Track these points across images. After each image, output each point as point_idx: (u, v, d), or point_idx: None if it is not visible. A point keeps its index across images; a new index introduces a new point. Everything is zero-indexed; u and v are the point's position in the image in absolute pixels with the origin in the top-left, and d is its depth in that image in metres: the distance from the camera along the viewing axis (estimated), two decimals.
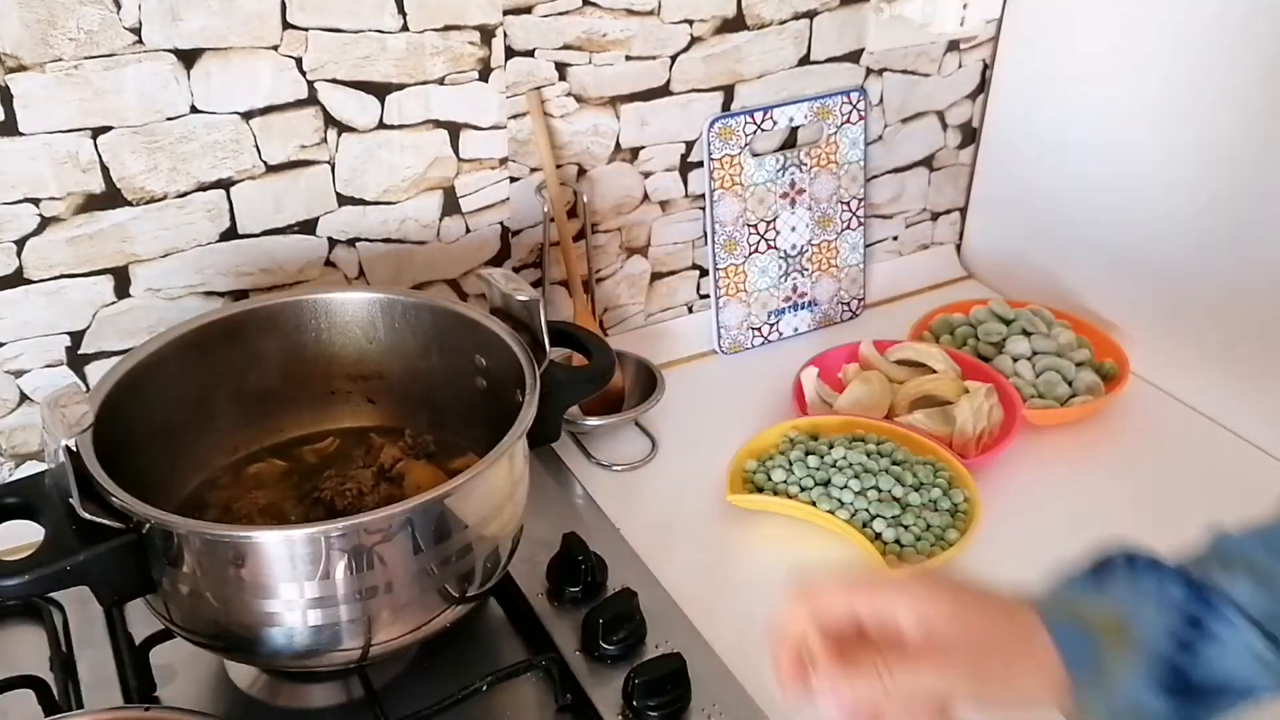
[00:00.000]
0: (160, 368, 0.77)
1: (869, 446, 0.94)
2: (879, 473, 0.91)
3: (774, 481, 0.92)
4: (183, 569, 0.64)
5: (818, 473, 0.92)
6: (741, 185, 1.09)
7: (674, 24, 1.00)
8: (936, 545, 0.87)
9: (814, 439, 0.96)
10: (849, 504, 0.90)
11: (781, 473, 0.92)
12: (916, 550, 0.86)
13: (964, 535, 0.87)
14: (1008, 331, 1.10)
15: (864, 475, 0.91)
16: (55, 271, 0.85)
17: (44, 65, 0.78)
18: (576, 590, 0.81)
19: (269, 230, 0.91)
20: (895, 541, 0.87)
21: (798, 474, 0.92)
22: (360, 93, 0.89)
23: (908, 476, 0.91)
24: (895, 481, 0.90)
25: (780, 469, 0.93)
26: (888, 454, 0.94)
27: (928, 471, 0.92)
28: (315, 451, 0.86)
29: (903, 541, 0.87)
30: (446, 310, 0.83)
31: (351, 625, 0.66)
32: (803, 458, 0.93)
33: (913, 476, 0.91)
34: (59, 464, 0.64)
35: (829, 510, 0.89)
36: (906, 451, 0.94)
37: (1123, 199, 1.09)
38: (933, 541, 0.87)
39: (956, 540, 0.87)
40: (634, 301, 1.14)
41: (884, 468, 0.92)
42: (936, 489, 0.91)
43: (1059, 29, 1.12)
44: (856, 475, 0.91)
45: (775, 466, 0.93)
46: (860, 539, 0.87)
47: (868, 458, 0.93)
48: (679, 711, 0.73)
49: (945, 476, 0.92)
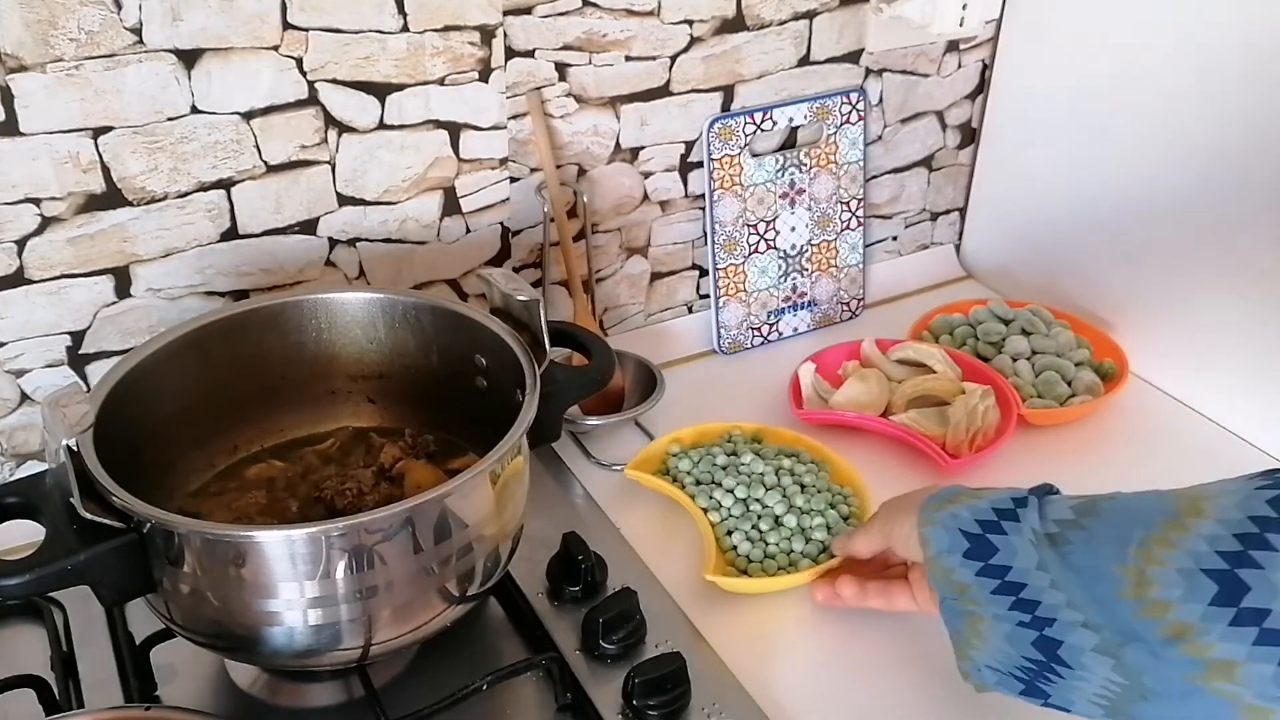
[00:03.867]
0: (161, 368, 0.77)
1: (785, 462, 0.93)
2: (772, 487, 0.90)
3: (680, 470, 0.93)
4: (183, 568, 0.65)
5: (720, 472, 0.92)
6: (741, 185, 1.10)
7: (674, 24, 1.01)
8: (783, 570, 0.85)
9: (754, 441, 0.97)
10: (724, 508, 0.89)
11: (689, 463, 0.93)
12: (763, 569, 0.85)
13: (817, 568, 0.84)
14: (1007, 331, 1.10)
15: (754, 485, 0.90)
16: (56, 271, 0.85)
17: (45, 65, 0.78)
18: (576, 590, 0.81)
19: (269, 230, 0.91)
20: (745, 555, 0.86)
21: (702, 467, 0.93)
22: (360, 93, 0.90)
23: (799, 499, 0.89)
24: (783, 500, 0.89)
25: (689, 459, 0.94)
26: (799, 475, 0.92)
27: (825, 501, 0.90)
28: (315, 451, 0.86)
29: (751, 557, 0.86)
30: (446, 310, 0.83)
31: (352, 625, 0.66)
32: (717, 455, 0.94)
33: (805, 501, 0.89)
34: (60, 463, 0.64)
35: (703, 507, 0.89)
36: (825, 479, 0.93)
37: (1123, 199, 1.09)
38: (781, 565, 0.85)
39: (805, 570, 0.84)
40: (634, 301, 1.14)
41: (782, 485, 0.91)
42: (820, 519, 0.88)
43: (1059, 29, 1.12)
44: (748, 484, 0.90)
45: (689, 454, 0.94)
46: (710, 541, 0.86)
47: (774, 473, 0.92)
48: (679, 711, 0.73)
49: (843, 513, 0.90)
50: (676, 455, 0.94)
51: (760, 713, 0.74)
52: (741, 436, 0.97)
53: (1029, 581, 0.63)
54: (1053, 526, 0.64)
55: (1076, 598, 0.61)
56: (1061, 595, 0.62)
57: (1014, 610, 0.64)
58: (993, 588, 0.65)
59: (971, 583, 0.66)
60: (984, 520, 0.66)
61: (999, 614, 0.65)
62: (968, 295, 1.22)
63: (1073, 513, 0.64)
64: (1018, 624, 0.64)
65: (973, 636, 0.67)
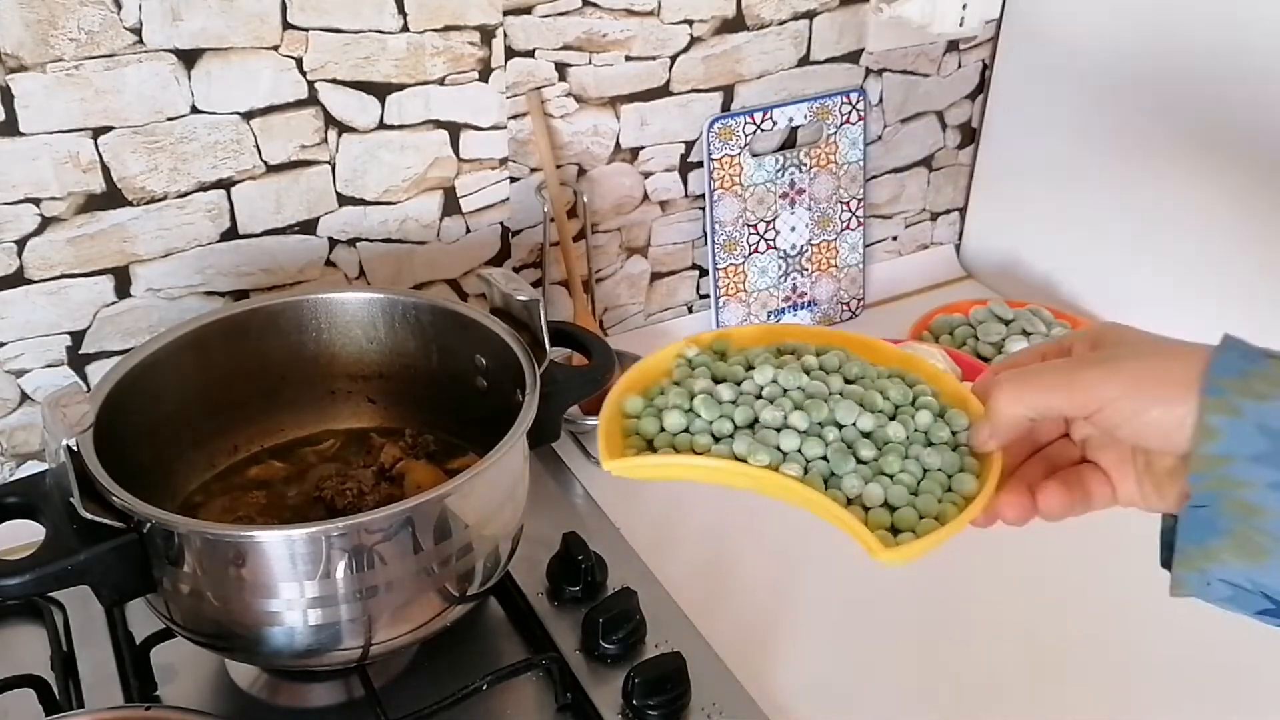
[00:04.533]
0: (161, 368, 0.77)
1: (808, 360, 0.60)
2: (832, 398, 0.57)
3: (669, 431, 0.57)
4: (183, 568, 0.65)
5: (738, 409, 0.57)
6: (741, 185, 1.10)
7: (674, 24, 1.01)
8: (946, 500, 0.55)
9: (722, 358, 0.62)
10: (795, 452, 0.55)
11: (679, 415, 0.57)
12: (917, 510, 0.54)
13: (984, 479, 0.55)
14: (1007, 332, 1.10)
15: (811, 404, 0.56)
16: (56, 271, 0.85)
17: (45, 65, 0.78)
18: (576, 590, 0.81)
19: (269, 230, 0.91)
20: (884, 504, 0.54)
21: (706, 416, 0.57)
22: (360, 93, 0.90)
23: (876, 399, 0.58)
24: (861, 409, 0.57)
25: (676, 410, 0.57)
26: (833, 368, 0.60)
27: (901, 390, 0.59)
28: (315, 451, 0.86)
29: (893, 501, 0.54)
30: (446, 310, 0.83)
31: (352, 625, 0.66)
32: (709, 390, 0.58)
33: (883, 399, 0.58)
34: (60, 463, 0.64)
35: (768, 465, 0.54)
36: (863, 362, 0.61)
37: (1123, 199, 1.09)
38: (940, 495, 0.55)
39: (975, 489, 0.55)
40: (634, 301, 1.14)
41: (837, 389, 0.58)
42: (925, 412, 0.57)
43: (1058, 29, 1.12)
44: (799, 406, 0.56)
45: (669, 407, 0.58)
46: (828, 504, 0.54)
47: (808, 377, 0.58)
48: (679, 711, 0.73)
49: (929, 392, 0.59)
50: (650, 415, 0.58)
51: (760, 713, 0.74)
52: (703, 355, 0.62)
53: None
54: None
55: None
56: None
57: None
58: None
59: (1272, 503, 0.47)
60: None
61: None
62: (968, 295, 1.22)
63: None
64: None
65: (1230, 555, 0.48)
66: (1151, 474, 0.54)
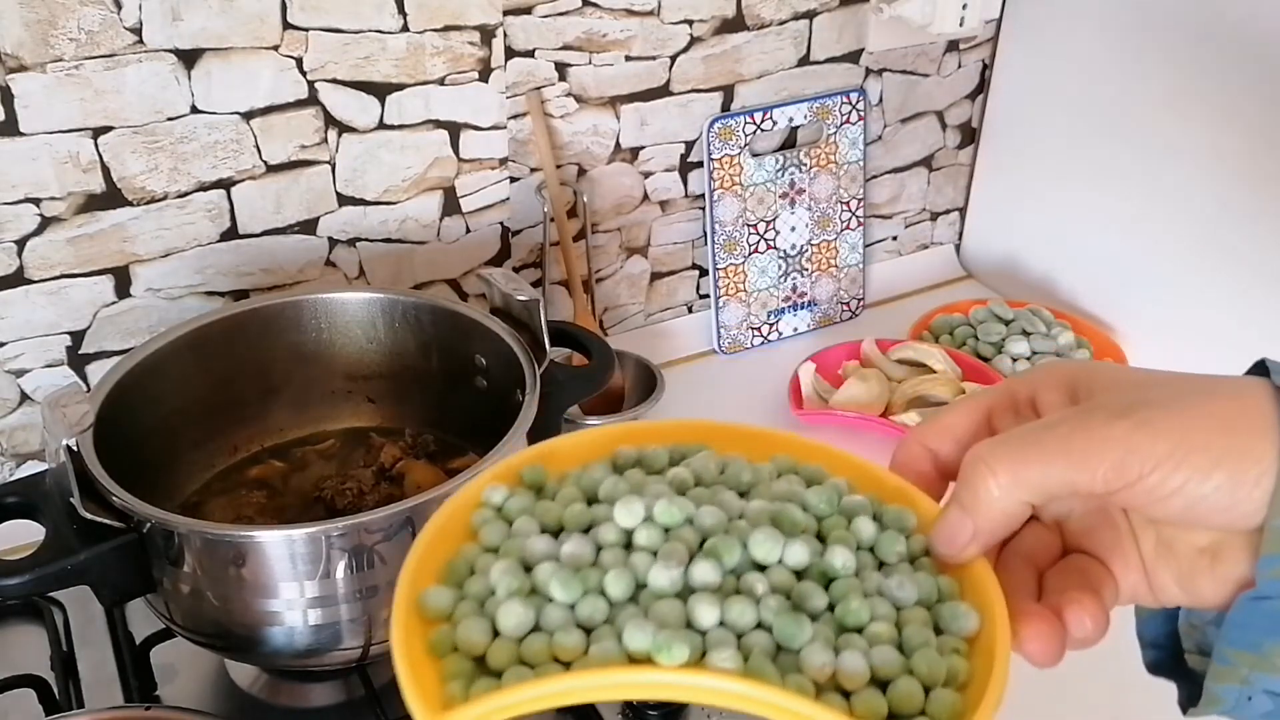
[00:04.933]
0: (160, 368, 0.77)
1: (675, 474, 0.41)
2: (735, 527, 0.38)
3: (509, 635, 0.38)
4: (183, 568, 0.65)
5: (607, 576, 0.37)
6: (741, 185, 1.10)
7: (674, 24, 1.01)
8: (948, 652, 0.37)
9: (540, 493, 0.42)
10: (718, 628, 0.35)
11: (518, 606, 0.37)
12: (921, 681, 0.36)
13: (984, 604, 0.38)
14: (1007, 332, 1.10)
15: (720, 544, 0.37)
16: (56, 271, 0.85)
17: (44, 65, 0.78)
18: None
19: (269, 230, 0.91)
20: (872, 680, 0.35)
21: (563, 596, 0.37)
22: (360, 93, 0.90)
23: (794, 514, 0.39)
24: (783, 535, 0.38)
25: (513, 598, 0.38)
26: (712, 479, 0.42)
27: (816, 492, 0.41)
28: (315, 451, 0.86)
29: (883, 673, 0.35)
30: (446, 310, 0.83)
31: (352, 624, 0.66)
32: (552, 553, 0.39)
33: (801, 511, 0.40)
34: (60, 463, 0.64)
35: (688, 662, 0.33)
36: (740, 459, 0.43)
37: (1123, 199, 1.09)
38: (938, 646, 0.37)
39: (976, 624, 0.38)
40: (634, 301, 1.14)
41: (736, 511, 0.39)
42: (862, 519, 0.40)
43: (1059, 29, 1.12)
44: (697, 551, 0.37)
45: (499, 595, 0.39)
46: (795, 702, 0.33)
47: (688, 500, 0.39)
48: (679, 711, 0.73)
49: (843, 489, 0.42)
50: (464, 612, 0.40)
51: None
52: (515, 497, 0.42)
53: None
54: None
55: None
56: None
57: None
58: None
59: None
60: None
61: None
62: (968, 295, 1.22)
63: None
64: None
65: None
66: (1171, 558, 0.41)
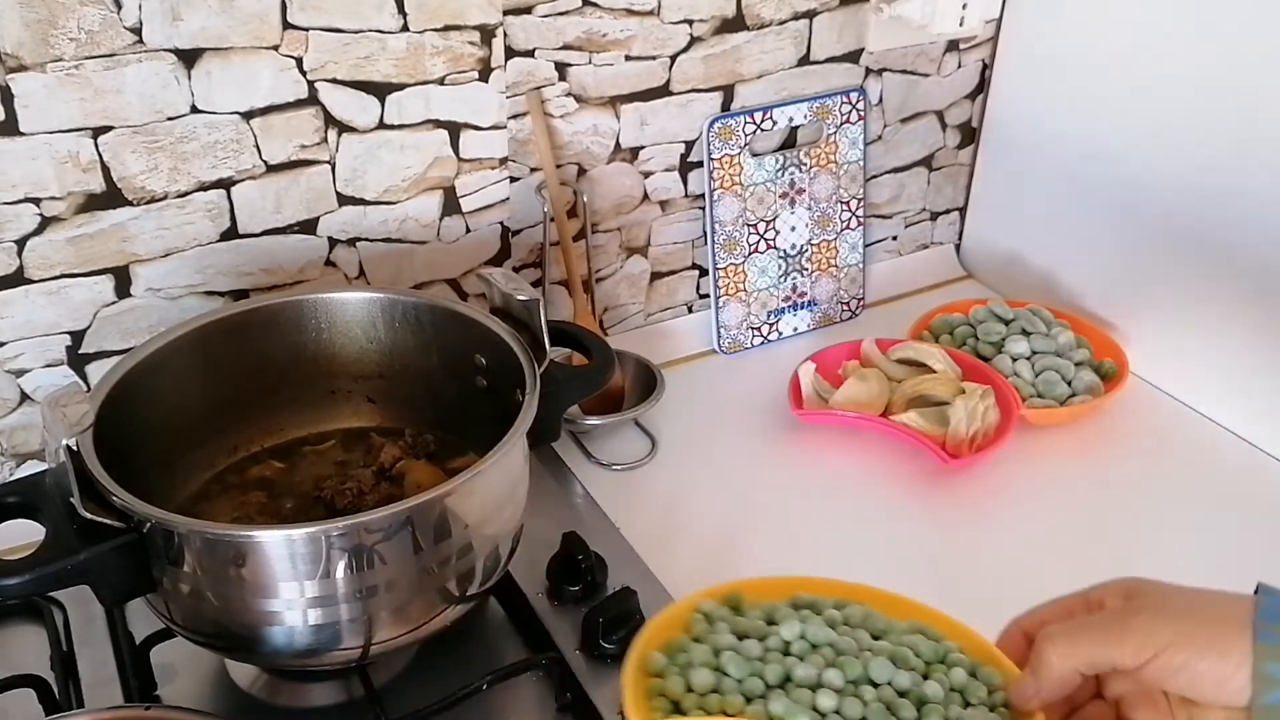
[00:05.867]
0: (160, 368, 0.77)
1: (830, 614, 0.59)
2: (863, 654, 0.56)
3: (698, 690, 0.54)
4: (183, 568, 0.65)
5: (768, 666, 0.55)
6: (741, 185, 1.10)
7: (674, 24, 1.01)
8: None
9: (737, 611, 0.61)
10: (834, 714, 0.53)
11: (707, 673, 0.55)
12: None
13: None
14: (1007, 331, 1.10)
15: (845, 661, 0.55)
16: (56, 271, 0.85)
17: (45, 65, 0.78)
18: (576, 589, 0.81)
19: (269, 230, 0.91)
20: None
21: (736, 673, 0.55)
22: (360, 93, 0.90)
23: (908, 655, 0.56)
24: (895, 666, 0.55)
25: (704, 668, 0.55)
26: (857, 623, 0.59)
27: (930, 646, 0.58)
28: (315, 451, 0.86)
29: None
30: (447, 310, 0.83)
31: (352, 624, 0.66)
32: (735, 646, 0.56)
33: (914, 655, 0.57)
34: (60, 463, 0.64)
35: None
36: (884, 617, 0.60)
37: (1123, 198, 1.09)
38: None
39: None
40: (634, 301, 1.14)
41: (867, 645, 0.57)
42: (959, 670, 0.56)
43: (1059, 29, 1.12)
44: (831, 663, 0.55)
45: (695, 665, 0.55)
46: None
47: (835, 632, 0.57)
48: None
49: (956, 650, 0.58)
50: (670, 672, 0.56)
51: None
52: (718, 608, 0.60)
53: None
54: None
55: None
56: None
57: None
58: None
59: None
60: None
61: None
62: (968, 295, 1.22)
63: None
64: None
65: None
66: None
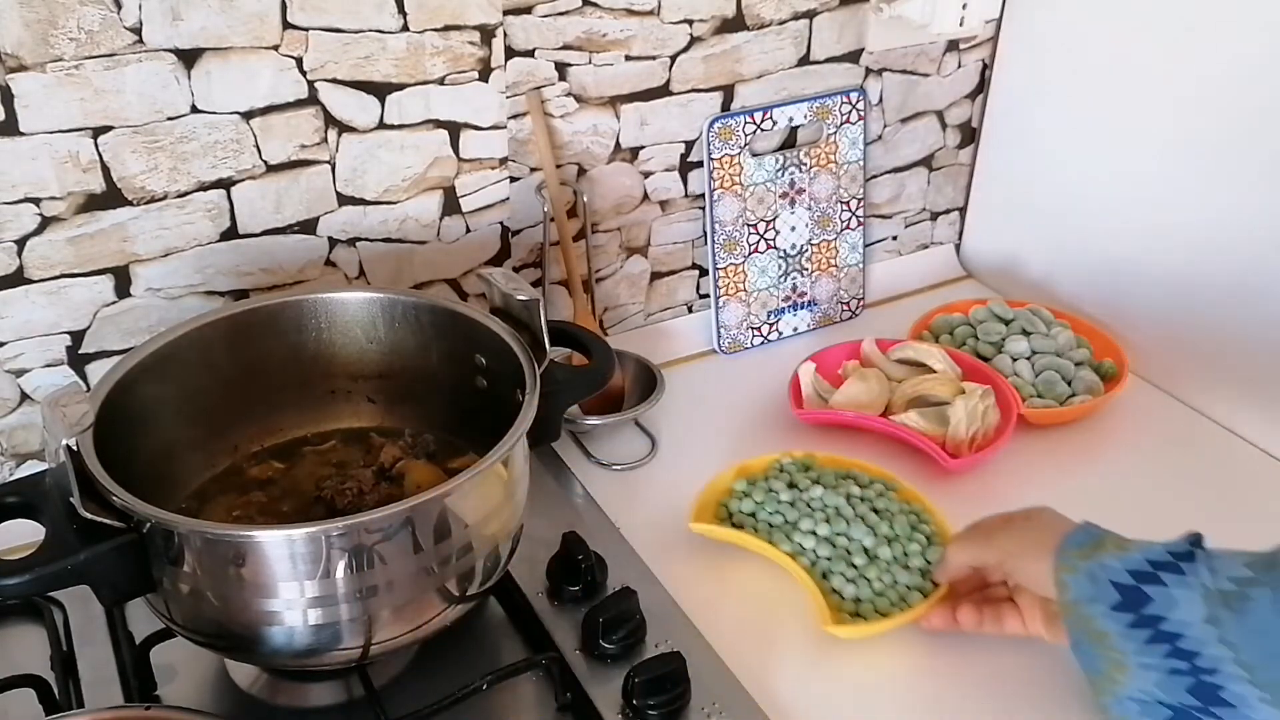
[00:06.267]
0: (160, 367, 0.77)
1: (852, 488, 0.89)
2: (853, 520, 0.86)
3: (744, 513, 0.88)
4: (183, 568, 0.65)
5: (790, 509, 0.87)
6: (741, 185, 1.10)
7: (674, 24, 1.01)
8: (895, 606, 0.81)
9: (807, 469, 0.92)
10: (810, 550, 0.84)
11: (751, 504, 0.88)
12: (875, 609, 0.81)
13: (927, 599, 0.81)
14: (1007, 331, 1.10)
15: (835, 520, 0.86)
16: (56, 271, 0.85)
17: (44, 65, 0.78)
18: (576, 589, 0.81)
19: (269, 230, 0.91)
20: (853, 598, 0.82)
21: (769, 509, 0.88)
22: (360, 93, 0.90)
23: (883, 526, 0.85)
24: (869, 531, 0.85)
25: (752, 499, 0.89)
26: (869, 499, 0.89)
27: (905, 524, 0.86)
28: (315, 451, 0.86)
29: (860, 597, 0.82)
30: (446, 310, 0.83)
31: (352, 624, 0.66)
32: (779, 491, 0.89)
33: (889, 528, 0.85)
34: (60, 463, 0.64)
35: (789, 553, 0.84)
36: (892, 499, 0.89)
37: (1122, 199, 1.09)
38: (893, 601, 0.81)
39: (918, 604, 0.80)
40: (634, 301, 1.14)
41: (860, 514, 0.87)
42: (914, 544, 0.84)
43: (1058, 29, 1.12)
44: (828, 519, 0.86)
45: (750, 494, 0.89)
46: (815, 590, 0.81)
47: (846, 501, 0.87)
48: (679, 710, 0.73)
49: (925, 532, 0.86)
50: (742, 494, 0.89)
51: (760, 712, 0.74)
52: (794, 464, 0.92)
53: (1187, 633, 0.63)
54: (1227, 584, 0.63)
55: (1250, 657, 0.61)
56: (1227, 651, 0.61)
57: (1170, 659, 0.63)
58: (1146, 637, 0.64)
59: (1116, 632, 0.66)
60: (1138, 571, 0.66)
61: (1149, 662, 0.64)
62: (968, 295, 1.22)
63: (1249, 569, 0.63)
64: (1170, 671, 0.63)
65: (1114, 673, 0.66)
66: (1051, 616, 0.75)
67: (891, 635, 0.80)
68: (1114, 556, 0.67)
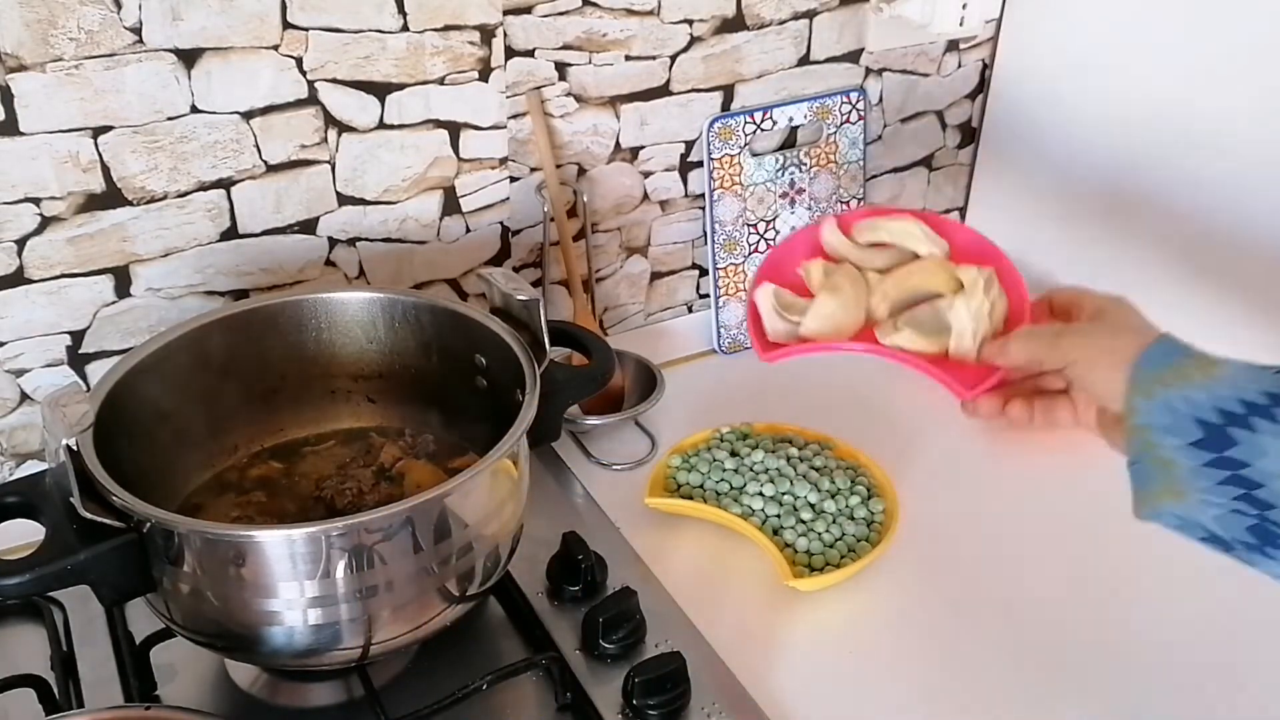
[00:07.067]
0: (160, 367, 0.77)
1: (791, 450, 0.94)
2: (795, 479, 0.90)
3: (691, 485, 0.92)
4: (183, 568, 0.65)
5: (734, 476, 0.91)
6: (741, 185, 1.10)
7: (674, 24, 1.01)
8: (848, 556, 0.86)
9: (744, 437, 0.96)
10: (759, 510, 0.89)
11: (698, 476, 0.92)
12: (826, 560, 0.85)
13: (876, 548, 0.85)
14: None
15: (779, 480, 0.90)
16: (56, 271, 0.85)
17: (44, 65, 0.78)
18: (576, 589, 0.82)
19: (269, 230, 0.91)
20: (805, 551, 0.86)
21: (714, 477, 0.92)
22: (360, 93, 0.90)
23: (824, 483, 0.90)
24: (811, 488, 0.89)
25: (698, 471, 0.92)
26: (808, 459, 0.93)
27: (845, 479, 0.91)
28: (315, 451, 0.86)
29: (813, 550, 0.86)
30: (446, 310, 0.83)
31: (351, 624, 0.66)
32: (723, 460, 0.93)
33: (830, 483, 0.90)
34: (60, 463, 0.64)
35: (740, 515, 0.88)
36: (829, 456, 0.94)
37: (1123, 198, 1.09)
38: (844, 552, 0.86)
39: (868, 553, 0.85)
40: (634, 301, 1.14)
41: (801, 473, 0.91)
42: (855, 497, 0.89)
43: (1058, 29, 1.12)
44: (772, 480, 0.90)
45: (694, 467, 0.93)
46: (770, 547, 0.85)
47: (786, 463, 0.92)
48: (679, 710, 0.73)
49: (864, 485, 0.91)
50: (682, 468, 0.93)
51: (760, 712, 0.74)
52: (733, 434, 0.97)
53: (1270, 484, 0.58)
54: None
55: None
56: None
57: (1239, 501, 0.59)
58: (1221, 479, 0.59)
59: (1187, 465, 0.60)
60: (1229, 412, 0.59)
61: (1214, 500, 0.60)
62: None
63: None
64: (1234, 511, 0.59)
65: (1166, 495, 0.62)
66: (1107, 417, 0.72)
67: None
68: (1200, 387, 0.61)
